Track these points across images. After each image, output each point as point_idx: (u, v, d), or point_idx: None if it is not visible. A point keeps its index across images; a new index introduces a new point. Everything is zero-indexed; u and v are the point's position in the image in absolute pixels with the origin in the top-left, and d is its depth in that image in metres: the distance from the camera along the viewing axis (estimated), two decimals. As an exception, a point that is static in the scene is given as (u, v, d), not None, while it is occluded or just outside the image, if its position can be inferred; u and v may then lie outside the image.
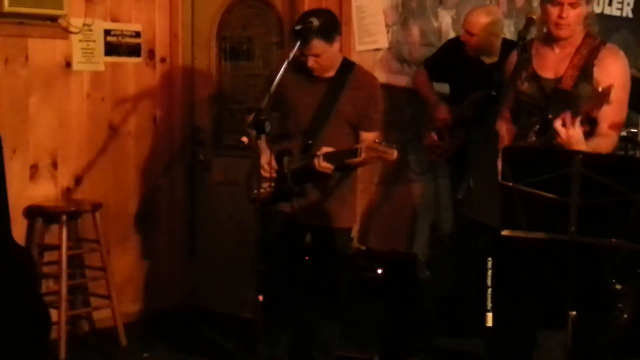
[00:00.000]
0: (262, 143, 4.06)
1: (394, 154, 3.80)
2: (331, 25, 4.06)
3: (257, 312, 3.68)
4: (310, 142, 3.98)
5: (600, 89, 3.27)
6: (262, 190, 4.10)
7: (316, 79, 4.12)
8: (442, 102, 5.12)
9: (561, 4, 3.54)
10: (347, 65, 4.18)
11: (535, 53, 3.72)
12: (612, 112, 3.51)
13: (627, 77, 3.61)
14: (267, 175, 4.09)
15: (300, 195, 4.10)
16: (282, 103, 4.19)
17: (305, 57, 4.04)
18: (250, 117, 3.77)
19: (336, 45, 4.09)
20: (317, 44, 3.98)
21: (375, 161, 4.01)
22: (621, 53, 3.65)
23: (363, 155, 3.86)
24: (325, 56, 4.03)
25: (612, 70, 3.54)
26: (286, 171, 4.09)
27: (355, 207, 4.36)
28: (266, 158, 4.08)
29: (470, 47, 4.95)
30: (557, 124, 3.34)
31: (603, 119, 3.51)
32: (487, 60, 4.98)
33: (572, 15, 3.55)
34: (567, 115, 3.32)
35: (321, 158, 3.94)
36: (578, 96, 3.50)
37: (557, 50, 3.66)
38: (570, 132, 3.32)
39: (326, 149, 3.96)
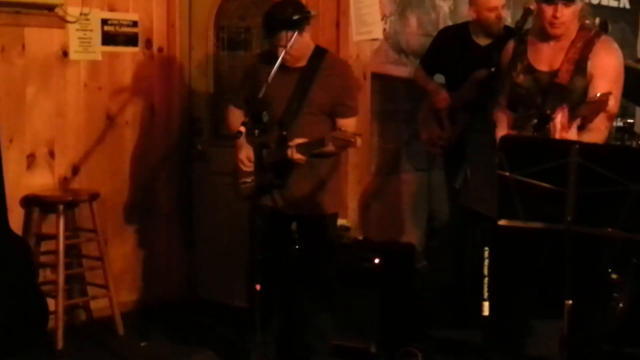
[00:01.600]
0: (241, 139, 4.11)
1: (358, 141, 3.80)
2: (300, 15, 4.02)
3: (254, 301, 3.71)
4: (284, 133, 3.93)
5: (598, 95, 3.27)
6: (247, 185, 4.16)
7: (288, 69, 4.07)
8: (442, 88, 5.11)
9: (555, 4, 3.55)
10: (319, 53, 4.15)
11: (531, 45, 3.73)
12: None
13: (620, 71, 3.61)
14: (248, 169, 4.11)
15: (281, 187, 4.09)
16: (255, 89, 4.19)
17: (276, 48, 4.00)
18: (247, 107, 3.80)
19: (306, 35, 4.06)
20: (283, 36, 3.94)
21: (343, 149, 3.98)
22: (615, 46, 3.65)
23: (329, 144, 3.85)
24: (295, 47, 3.97)
25: (605, 64, 3.55)
26: (265, 165, 4.10)
27: (340, 192, 4.35)
28: (245, 152, 4.12)
29: (497, 19, 4.92)
30: (557, 120, 3.33)
31: None
32: (483, 42, 4.99)
33: (567, 14, 3.57)
34: (565, 115, 3.31)
35: (294, 149, 3.93)
36: (573, 90, 3.51)
37: (552, 43, 3.66)
38: (563, 135, 3.32)
39: (298, 140, 3.95)
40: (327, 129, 4.07)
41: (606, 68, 3.54)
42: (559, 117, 3.32)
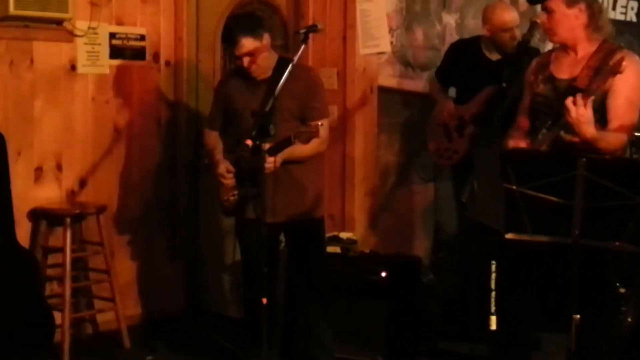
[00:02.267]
0: (218, 155, 4.24)
1: (321, 130, 3.87)
2: (254, 22, 4.15)
3: (260, 314, 3.72)
4: (258, 143, 3.85)
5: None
6: (230, 201, 4.21)
7: (255, 82, 4.16)
8: (449, 101, 5.11)
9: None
10: (284, 62, 4.15)
11: (554, 58, 3.75)
12: (622, 112, 3.51)
13: None
14: (229, 182, 4.16)
15: (260, 196, 4.06)
16: (229, 112, 4.28)
17: (241, 60, 4.09)
18: (254, 121, 3.81)
19: (265, 42, 4.13)
20: (246, 42, 4.04)
21: (308, 141, 3.94)
22: (637, 57, 3.64)
23: (296, 141, 3.86)
24: (259, 55, 4.08)
25: (627, 72, 3.53)
26: (243, 176, 4.13)
27: (321, 196, 4.36)
28: (223, 166, 4.18)
29: (512, 39, 4.96)
30: (568, 101, 3.34)
31: (613, 118, 3.51)
32: (494, 57, 5.00)
33: (550, 21, 3.60)
34: (579, 95, 3.33)
35: (266, 155, 3.91)
36: (591, 94, 3.49)
37: (572, 54, 3.68)
38: (580, 111, 3.32)
39: (267, 145, 3.90)
40: None
41: (627, 76, 3.53)
42: (571, 98, 3.33)
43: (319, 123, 3.89)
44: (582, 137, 3.37)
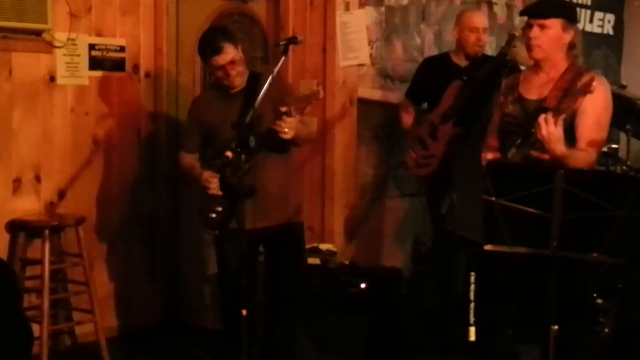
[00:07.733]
0: (197, 170, 4.23)
1: (321, 92, 3.83)
2: (231, 32, 4.21)
3: (240, 326, 3.72)
4: (241, 153, 3.84)
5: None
6: (214, 216, 4.17)
7: (229, 95, 4.17)
8: (414, 108, 5.15)
9: (531, 25, 3.64)
10: (255, 76, 4.24)
11: (523, 79, 3.79)
12: (590, 130, 3.55)
13: (609, 102, 3.65)
14: (214, 186, 4.10)
15: (250, 195, 4.02)
16: (205, 128, 4.27)
17: (221, 70, 4.10)
18: (235, 132, 3.82)
19: (241, 53, 4.16)
20: (229, 49, 4.07)
21: (308, 109, 3.91)
22: (604, 79, 3.70)
23: (295, 112, 3.84)
24: (238, 62, 4.11)
25: (595, 93, 3.58)
26: (228, 181, 4.07)
27: (299, 203, 4.38)
28: (208, 174, 4.14)
29: (477, 41, 5.04)
30: (541, 118, 3.38)
31: (582, 136, 3.56)
32: (463, 63, 5.06)
33: (542, 37, 3.63)
34: (550, 113, 3.37)
35: (285, 117, 3.86)
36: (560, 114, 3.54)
37: (542, 75, 3.71)
38: (550, 129, 3.36)
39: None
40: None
41: (596, 94, 3.58)
42: (543, 115, 3.37)
43: (320, 86, 3.82)
44: (552, 154, 3.41)
